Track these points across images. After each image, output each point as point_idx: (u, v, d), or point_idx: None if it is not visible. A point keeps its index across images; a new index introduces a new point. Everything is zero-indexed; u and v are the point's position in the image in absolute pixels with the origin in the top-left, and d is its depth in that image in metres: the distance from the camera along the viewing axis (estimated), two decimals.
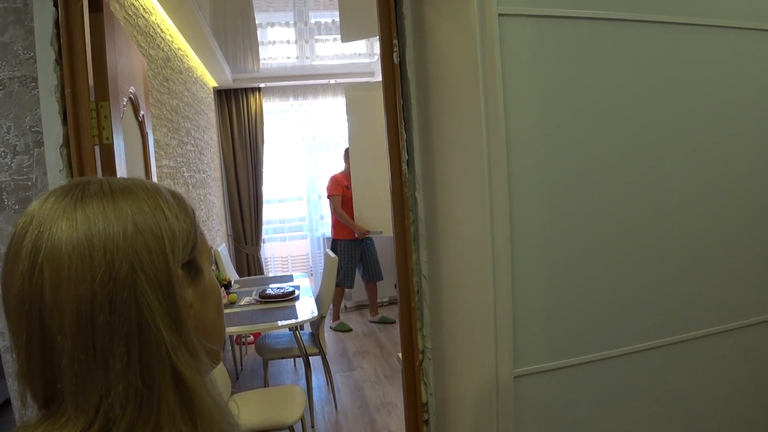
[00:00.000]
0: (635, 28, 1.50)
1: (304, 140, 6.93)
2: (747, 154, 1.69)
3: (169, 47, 3.87)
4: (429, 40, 1.79)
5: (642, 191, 1.55)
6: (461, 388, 1.77)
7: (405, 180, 1.98)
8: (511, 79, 1.40)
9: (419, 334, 2.02)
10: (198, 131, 4.89)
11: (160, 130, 3.33)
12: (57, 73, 1.64)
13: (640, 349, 1.57)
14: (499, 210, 1.41)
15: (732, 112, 1.65)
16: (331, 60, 6.16)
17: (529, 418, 1.49)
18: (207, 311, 0.67)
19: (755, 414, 1.79)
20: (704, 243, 1.65)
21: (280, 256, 7.11)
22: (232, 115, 6.57)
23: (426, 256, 1.97)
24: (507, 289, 1.42)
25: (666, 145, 1.57)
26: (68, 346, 0.54)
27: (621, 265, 1.54)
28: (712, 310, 1.67)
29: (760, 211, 1.72)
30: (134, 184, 0.62)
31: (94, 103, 1.71)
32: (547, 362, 1.48)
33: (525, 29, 1.40)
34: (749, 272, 1.72)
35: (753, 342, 1.75)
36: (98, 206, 0.57)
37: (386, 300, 6.65)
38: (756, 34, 1.65)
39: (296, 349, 3.79)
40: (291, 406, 2.95)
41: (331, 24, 5.27)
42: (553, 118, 1.44)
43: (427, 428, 2.05)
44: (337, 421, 3.85)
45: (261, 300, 3.97)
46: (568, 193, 1.47)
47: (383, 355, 5.05)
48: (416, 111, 1.93)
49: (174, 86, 3.94)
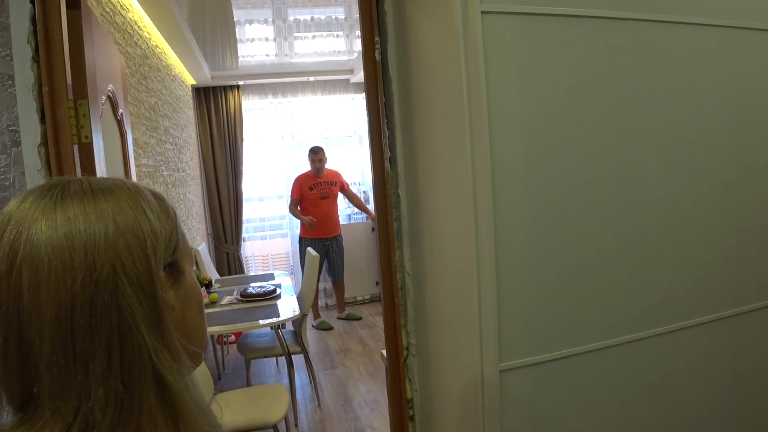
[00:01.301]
0: (617, 26, 1.52)
1: (284, 138, 6.89)
2: (724, 149, 1.72)
3: (146, 45, 3.83)
4: (411, 38, 1.79)
5: (621, 187, 1.57)
6: (446, 384, 1.78)
7: (388, 177, 1.98)
8: (493, 76, 1.40)
9: (403, 330, 2.03)
10: (177, 129, 4.84)
11: (138, 129, 3.29)
12: (34, 70, 1.61)
13: (622, 342, 1.60)
14: (482, 206, 1.42)
15: (709, 107, 1.68)
16: (310, 57, 6.13)
17: (515, 411, 1.50)
18: (189, 313, 0.66)
19: (732, 404, 1.83)
20: (681, 237, 1.67)
21: (261, 254, 7.08)
22: (210, 113, 6.52)
23: (409, 252, 1.98)
24: (491, 284, 1.43)
25: (645, 141, 1.60)
26: (47, 350, 0.53)
27: (602, 260, 1.56)
28: (690, 302, 1.70)
29: (736, 206, 1.75)
30: (115, 184, 0.61)
31: (73, 101, 1.68)
32: (531, 356, 1.49)
33: (508, 27, 1.41)
34: (725, 266, 1.75)
35: (729, 333, 1.78)
36: (79, 206, 0.56)
37: (367, 297, 6.66)
38: (734, 31, 1.68)
39: (278, 348, 3.78)
40: (274, 405, 2.94)
41: (309, 21, 5.24)
42: (535, 114, 1.46)
43: (413, 424, 2.06)
44: (320, 419, 3.85)
45: (242, 299, 3.95)
46: (551, 190, 1.49)
47: (366, 352, 5.05)
48: (398, 108, 1.93)
49: (152, 84, 3.89)
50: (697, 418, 1.76)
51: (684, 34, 1.62)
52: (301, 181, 5.68)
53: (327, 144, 6.49)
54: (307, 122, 6.93)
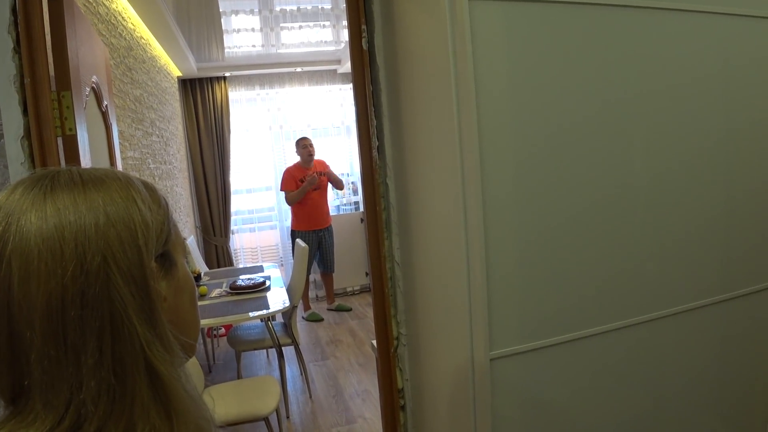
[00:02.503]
0: (607, 13, 1.51)
1: (271, 129, 6.85)
2: (712, 136, 1.73)
3: (131, 36, 3.78)
4: (398, 26, 1.78)
5: (609, 177, 1.58)
6: (437, 373, 1.78)
7: (376, 166, 1.97)
8: (481, 63, 1.40)
9: (393, 320, 2.03)
10: (163, 122, 4.79)
11: (124, 121, 3.25)
12: (15, 61, 1.58)
13: (611, 329, 1.61)
14: (471, 195, 1.42)
15: (698, 93, 1.69)
16: (297, 48, 6.10)
17: (505, 399, 1.51)
18: (181, 304, 0.65)
19: (721, 391, 1.84)
20: (667, 225, 1.68)
21: (250, 247, 7.05)
22: (197, 105, 6.46)
23: (398, 242, 1.97)
24: (481, 273, 1.43)
25: (633, 129, 1.60)
26: (37, 342, 0.52)
27: (590, 249, 1.57)
28: (677, 290, 1.71)
29: (723, 193, 1.76)
30: (106, 175, 0.60)
31: (56, 92, 1.65)
32: (521, 344, 1.50)
33: (495, 14, 1.40)
34: (711, 253, 1.77)
35: (716, 319, 1.80)
36: (69, 197, 0.56)
37: (357, 288, 6.66)
38: (726, 18, 1.68)
39: (269, 340, 3.77)
40: (265, 397, 2.94)
41: (296, 11, 5.21)
42: (524, 101, 1.45)
43: (404, 414, 2.06)
44: (312, 410, 3.85)
45: (232, 291, 3.94)
46: (541, 178, 1.48)
47: (356, 343, 5.06)
48: (386, 97, 1.92)
49: (137, 76, 3.85)
50: (685, 404, 1.78)
51: (674, 20, 1.62)
52: (292, 172, 5.58)
53: (314, 135, 6.47)
54: (294, 113, 6.88)
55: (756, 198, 1.83)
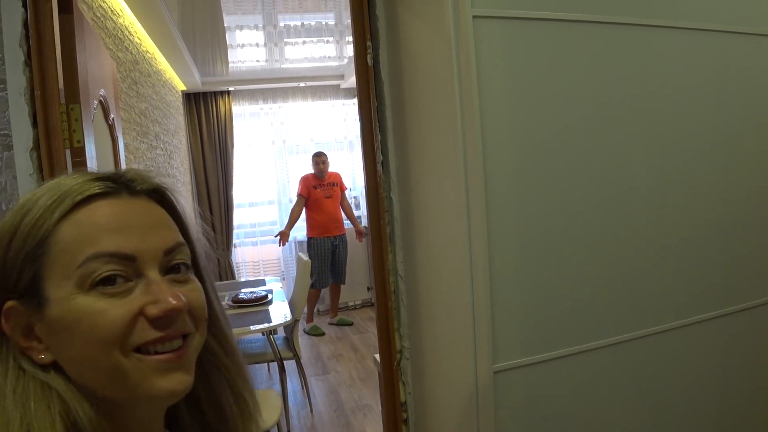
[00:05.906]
0: (607, 31, 1.54)
1: (275, 144, 6.88)
2: (713, 150, 1.74)
3: (137, 50, 3.82)
4: (403, 42, 1.80)
5: (612, 189, 1.59)
6: (440, 386, 1.78)
7: (380, 180, 1.98)
8: (485, 80, 1.42)
9: (396, 334, 2.03)
10: (167, 135, 4.82)
11: (129, 134, 3.28)
12: (26, 74, 1.60)
13: (615, 342, 1.61)
14: (475, 208, 1.43)
15: (699, 109, 1.71)
16: (300, 63, 6.14)
17: (509, 413, 1.51)
18: (70, 347, 0.55)
19: (727, 403, 1.84)
20: (673, 239, 1.69)
21: (252, 260, 7.04)
22: (201, 119, 6.50)
23: (402, 256, 1.98)
24: (484, 286, 1.44)
25: (634, 143, 1.62)
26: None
27: (594, 262, 1.58)
28: (682, 303, 1.72)
29: (726, 206, 1.78)
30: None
31: (65, 105, 1.67)
32: (525, 357, 1.50)
33: (499, 31, 1.42)
34: (715, 266, 1.77)
35: (720, 333, 1.80)
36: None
37: (359, 303, 6.65)
38: (726, 36, 1.71)
39: (270, 354, 3.77)
40: (266, 411, 2.93)
41: (300, 27, 5.26)
42: (527, 117, 1.47)
43: (406, 427, 2.06)
44: (313, 425, 3.83)
45: (233, 305, 3.93)
46: (544, 191, 1.50)
47: (357, 358, 5.05)
48: (390, 112, 1.94)
49: (143, 89, 3.88)
50: (689, 418, 1.77)
51: (674, 38, 1.64)
52: (306, 179, 5.78)
53: (317, 149, 6.48)
54: (297, 128, 6.92)
55: (759, 212, 1.84)
